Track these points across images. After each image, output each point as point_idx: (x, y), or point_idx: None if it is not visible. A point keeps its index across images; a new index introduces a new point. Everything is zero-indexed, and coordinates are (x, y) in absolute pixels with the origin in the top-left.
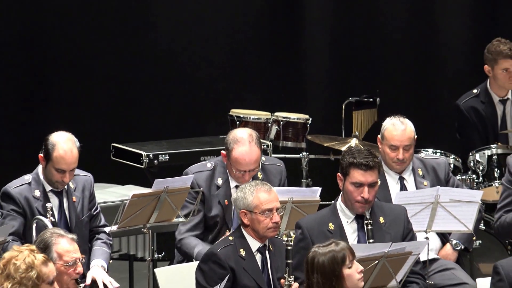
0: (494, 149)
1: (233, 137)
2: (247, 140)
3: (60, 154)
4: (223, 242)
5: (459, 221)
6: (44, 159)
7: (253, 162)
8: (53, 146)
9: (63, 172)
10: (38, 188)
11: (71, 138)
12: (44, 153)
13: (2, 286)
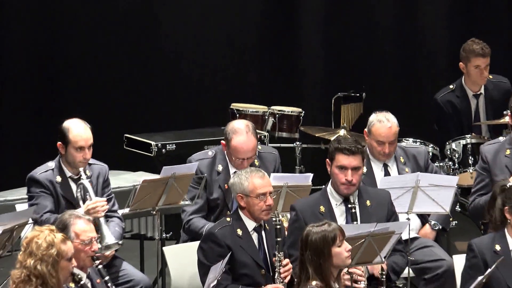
0: (468, 139)
1: (231, 128)
2: (244, 131)
3: (77, 133)
4: (220, 223)
5: (437, 203)
6: (62, 145)
7: (250, 150)
8: (67, 129)
9: (83, 149)
10: (60, 174)
11: (81, 120)
12: (61, 139)
13: (26, 263)
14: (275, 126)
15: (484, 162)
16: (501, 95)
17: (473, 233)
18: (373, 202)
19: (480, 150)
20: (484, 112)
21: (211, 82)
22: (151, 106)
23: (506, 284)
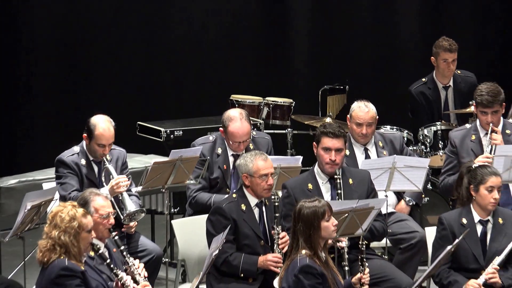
0: (438, 126)
1: (228, 116)
2: (238, 118)
3: (101, 132)
4: (227, 199)
5: (411, 182)
6: (87, 138)
7: (245, 134)
8: (94, 126)
9: (104, 146)
10: (84, 157)
11: (108, 119)
12: (87, 133)
13: (51, 234)
14: (269, 114)
15: (453, 146)
16: (467, 88)
17: (443, 208)
18: (355, 181)
19: (449, 135)
20: (452, 102)
21: (213, 76)
22: (161, 97)
23: (471, 252)
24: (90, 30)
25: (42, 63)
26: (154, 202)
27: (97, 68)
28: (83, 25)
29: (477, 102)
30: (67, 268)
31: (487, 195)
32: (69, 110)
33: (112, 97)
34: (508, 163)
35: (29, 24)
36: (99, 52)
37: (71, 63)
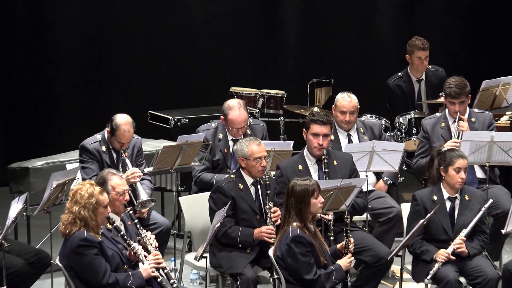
0: (412, 114)
1: (227, 105)
2: (237, 107)
3: (122, 133)
4: (226, 179)
5: (389, 164)
6: (110, 132)
7: (243, 121)
8: (117, 127)
9: (122, 144)
10: (105, 145)
11: (129, 121)
12: (110, 129)
13: (72, 209)
14: (264, 104)
15: (425, 132)
16: (438, 81)
17: (416, 187)
18: (339, 162)
19: (422, 123)
20: (424, 93)
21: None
22: (170, 89)
23: (441, 225)
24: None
25: (66, 58)
26: (164, 181)
27: (115, 63)
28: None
29: (446, 94)
30: (86, 239)
31: (455, 175)
32: (90, 100)
33: (128, 89)
34: (473, 147)
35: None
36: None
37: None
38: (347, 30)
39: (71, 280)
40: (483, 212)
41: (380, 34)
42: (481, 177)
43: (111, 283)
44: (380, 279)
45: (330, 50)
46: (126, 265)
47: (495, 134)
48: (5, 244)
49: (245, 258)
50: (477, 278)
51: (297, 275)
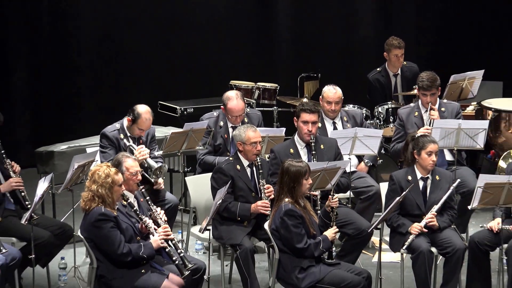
0: (389, 105)
1: (226, 96)
2: (235, 97)
3: (143, 121)
4: (226, 161)
5: (369, 148)
6: (131, 121)
7: (240, 110)
8: (139, 115)
9: (142, 131)
10: (123, 133)
11: (149, 110)
12: (132, 117)
13: (91, 187)
14: (260, 96)
15: (400, 120)
16: (412, 75)
17: (393, 168)
18: (325, 146)
19: (398, 112)
20: (400, 86)
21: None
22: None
23: (415, 202)
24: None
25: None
26: (172, 163)
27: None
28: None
29: (419, 86)
30: (103, 214)
31: (427, 158)
32: (108, 92)
33: (141, 82)
34: (443, 133)
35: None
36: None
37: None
38: (332, 32)
39: (91, 249)
40: (451, 190)
41: (361, 35)
42: (450, 159)
43: (125, 252)
44: (361, 249)
45: (317, 49)
46: (139, 236)
47: (462, 122)
48: (34, 217)
49: (243, 230)
50: (447, 248)
51: (289, 244)
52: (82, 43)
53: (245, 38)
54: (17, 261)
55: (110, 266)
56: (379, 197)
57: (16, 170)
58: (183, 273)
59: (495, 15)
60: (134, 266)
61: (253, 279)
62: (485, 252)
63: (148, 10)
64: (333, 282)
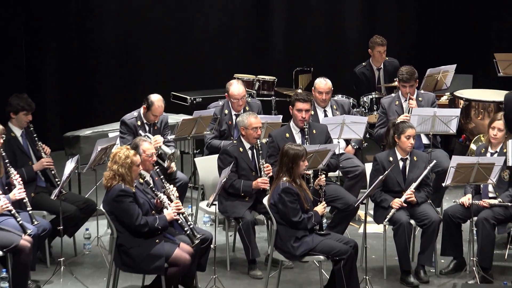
0: (373, 95)
1: (228, 83)
2: (235, 82)
3: (156, 108)
4: (230, 144)
5: (355, 132)
6: (146, 108)
7: (241, 93)
8: (152, 103)
9: (156, 117)
10: (140, 120)
11: (161, 99)
12: (146, 106)
13: (112, 167)
14: (260, 87)
15: (383, 109)
16: (393, 69)
17: (376, 150)
18: (317, 131)
19: (380, 101)
20: (383, 79)
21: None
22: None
23: (396, 180)
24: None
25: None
26: (183, 146)
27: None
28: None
29: (399, 79)
30: (123, 190)
31: (406, 141)
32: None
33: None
34: (420, 120)
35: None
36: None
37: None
38: (322, 31)
39: (111, 222)
40: (428, 170)
41: (348, 33)
42: (426, 143)
43: (142, 224)
44: (349, 221)
45: (310, 46)
46: (154, 210)
47: (437, 110)
48: (62, 192)
49: (245, 205)
50: (424, 221)
51: (286, 218)
52: (105, 41)
53: (247, 38)
54: (47, 231)
55: (129, 236)
56: (364, 176)
57: (47, 151)
58: (193, 242)
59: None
60: (149, 236)
61: (253, 248)
62: (457, 224)
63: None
64: (324, 250)
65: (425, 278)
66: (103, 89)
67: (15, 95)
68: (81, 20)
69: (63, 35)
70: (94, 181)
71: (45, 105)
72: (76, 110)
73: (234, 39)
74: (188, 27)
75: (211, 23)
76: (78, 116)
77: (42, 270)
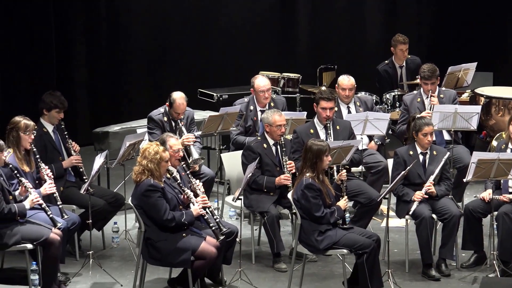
0: (396, 92)
1: (254, 77)
2: (260, 75)
3: (178, 106)
4: (254, 140)
5: (378, 129)
6: (169, 105)
7: (266, 84)
8: (174, 101)
9: (179, 114)
10: (166, 116)
11: (183, 96)
12: (169, 103)
13: (142, 162)
14: (285, 84)
15: (405, 106)
16: (415, 67)
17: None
18: (341, 127)
19: (403, 98)
20: (405, 76)
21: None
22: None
23: (417, 172)
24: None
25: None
26: (209, 142)
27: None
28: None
29: (421, 76)
30: (152, 185)
31: (423, 139)
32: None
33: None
34: (442, 117)
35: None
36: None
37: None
38: (346, 30)
39: (139, 216)
40: (444, 161)
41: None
42: (448, 139)
43: (169, 218)
44: (372, 215)
45: (334, 44)
46: (181, 205)
47: (458, 107)
48: (91, 189)
49: (269, 199)
50: (445, 215)
51: (309, 213)
52: (134, 39)
53: (272, 36)
54: (76, 225)
55: (156, 230)
56: (387, 171)
57: (76, 149)
58: (218, 236)
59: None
60: (176, 230)
61: (278, 241)
62: (478, 218)
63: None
64: (347, 244)
65: (446, 272)
66: (132, 86)
67: (49, 92)
68: (111, 18)
69: (92, 33)
70: (122, 176)
71: (75, 101)
72: (105, 106)
73: (259, 37)
74: (215, 25)
75: (237, 21)
76: (107, 113)
77: (71, 263)
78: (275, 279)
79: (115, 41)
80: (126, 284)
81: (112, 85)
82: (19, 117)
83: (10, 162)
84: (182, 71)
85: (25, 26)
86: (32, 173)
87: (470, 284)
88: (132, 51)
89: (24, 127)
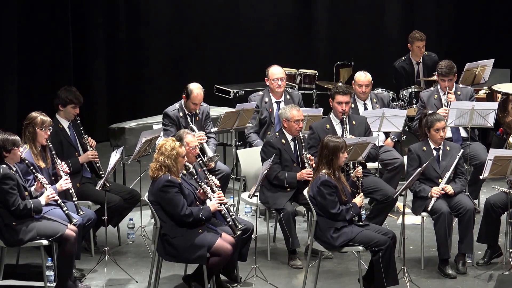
0: (413, 88)
1: (268, 67)
2: (274, 64)
3: (195, 96)
4: (274, 136)
5: (395, 125)
6: (185, 97)
7: (280, 72)
8: (191, 91)
9: (196, 105)
10: (182, 111)
11: (200, 86)
12: (185, 94)
13: (158, 158)
14: (301, 81)
15: (422, 102)
16: (432, 63)
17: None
18: (357, 123)
19: (420, 95)
20: (422, 73)
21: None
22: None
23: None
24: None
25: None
26: (225, 138)
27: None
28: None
29: (438, 73)
30: (169, 181)
31: (435, 134)
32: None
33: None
34: (458, 113)
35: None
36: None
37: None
38: (363, 26)
39: (155, 212)
40: (459, 156)
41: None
42: (464, 136)
43: (187, 214)
44: (388, 212)
45: (351, 40)
46: (198, 201)
47: (475, 103)
48: (107, 184)
49: (285, 196)
50: (459, 210)
51: (324, 210)
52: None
53: (289, 32)
54: (92, 221)
55: (172, 226)
56: (403, 168)
57: (92, 144)
58: (234, 232)
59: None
60: (192, 226)
61: (294, 238)
62: (497, 213)
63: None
64: (363, 241)
65: (462, 270)
66: (148, 82)
67: (64, 88)
68: (128, 13)
69: (110, 29)
70: (138, 172)
71: (92, 97)
72: (121, 102)
73: (276, 33)
74: (231, 22)
75: (255, 18)
76: (123, 109)
77: (86, 259)
78: (290, 276)
79: (133, 35)
80: (141, 281)
81: (129, 81)
82: (35, 113)
83: (26, 158)
84: (199, 67)
85: (44, 22)
86: (48, 169)
87: (485, 281)
88: (150, 46)
89: (40, 122)
